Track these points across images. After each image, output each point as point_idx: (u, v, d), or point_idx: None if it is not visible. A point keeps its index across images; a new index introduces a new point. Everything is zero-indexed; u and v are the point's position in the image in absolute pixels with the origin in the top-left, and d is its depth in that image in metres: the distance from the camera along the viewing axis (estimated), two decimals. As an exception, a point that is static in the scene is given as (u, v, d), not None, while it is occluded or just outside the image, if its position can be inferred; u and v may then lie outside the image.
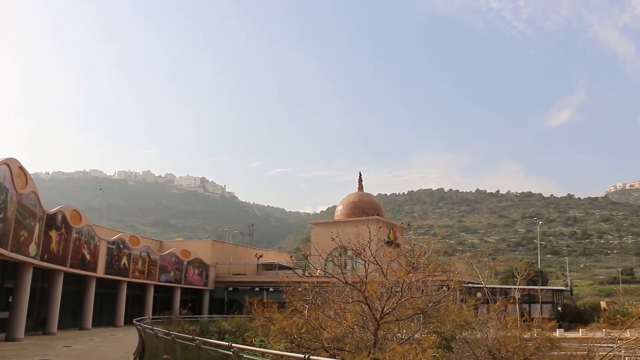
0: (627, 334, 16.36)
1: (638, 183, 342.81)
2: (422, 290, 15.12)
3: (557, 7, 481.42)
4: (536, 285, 49.20)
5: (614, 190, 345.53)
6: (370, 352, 11.88)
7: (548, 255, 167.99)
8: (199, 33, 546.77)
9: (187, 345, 12.93)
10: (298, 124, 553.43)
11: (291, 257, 34.62)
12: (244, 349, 9.83)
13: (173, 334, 14.45)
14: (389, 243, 52.29)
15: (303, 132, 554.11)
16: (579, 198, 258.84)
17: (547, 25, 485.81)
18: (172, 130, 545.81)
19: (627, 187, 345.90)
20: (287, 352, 11.20)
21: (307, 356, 7.30)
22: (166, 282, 50.97)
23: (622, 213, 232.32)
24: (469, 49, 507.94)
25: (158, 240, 69.23)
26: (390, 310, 13.16)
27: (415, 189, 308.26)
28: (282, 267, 56.84)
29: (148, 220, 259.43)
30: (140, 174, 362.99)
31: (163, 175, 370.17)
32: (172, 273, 51.74)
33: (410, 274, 13.38)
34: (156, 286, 49.81)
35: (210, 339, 16.80)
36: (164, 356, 13.34)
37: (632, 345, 15.92)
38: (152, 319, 35.33)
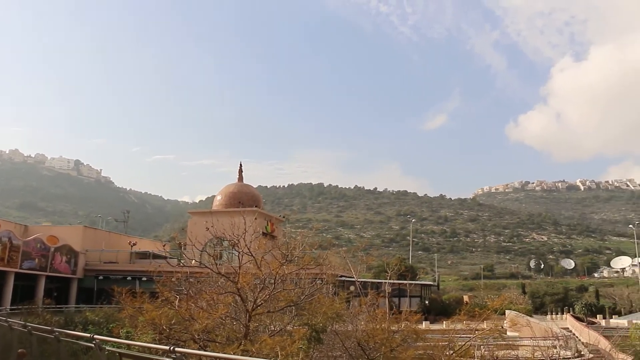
0: (484, 325, 17.52)
1: (502, 187, 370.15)
2: (296, 282, 15.27)
3: (441, 18, 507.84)
4: (406, 280, 51.32)
5: (481, 192, 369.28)
6: (240, 344, 11.82)
7: (419, 252, 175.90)
8: (73, 7, 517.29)
9: (45, 338, 12.19)
10: (181, 110, 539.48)
11: (164, 245, 33.79)
12: (107, 341, 9.41)
13: (30, 326, 13.56)
14: (266, 235, 52.44)
15: (187, 119, 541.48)
16: (450, 198, 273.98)
17: (430, 33, 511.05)
18: (45, 109, 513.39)
19: (493, 190, 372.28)
20: (155, 343, 10.87)
21: (172, 347, 7.13)
22: (29, 269, 47.81)
23: (487, 214, 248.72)
24: (357, 50, 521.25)
25: (23, 224, 64.84)
26: (262, 302, 13.17)
27: (295, 183, 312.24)
28: (156, 256, 55.18)
29: (13, 203, 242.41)
30: (7, 152, 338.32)
31: (33, 156, 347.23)
32: (36, 260, 48.64)
33: (284, 267, 13.46)
34: (17, 274, 46.56)
35: (74, 330, 15.97)
36: (19, 350, 12.48)
37: (487, 335, 17.11)
38: (10, 309, 33.09)
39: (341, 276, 36.53)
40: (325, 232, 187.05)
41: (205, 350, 11.38)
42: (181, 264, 25.14)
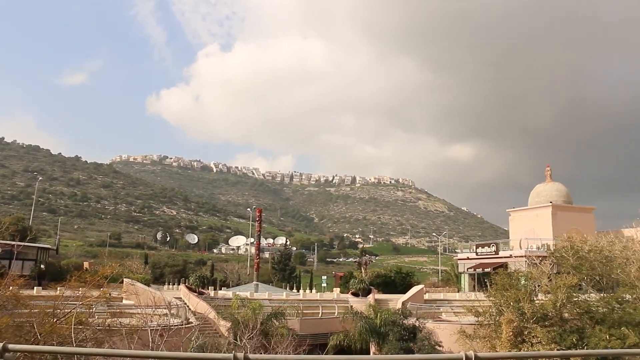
0: (97, 292, 17.15)
1: (141, 157, 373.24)
2: None
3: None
4: (22, 242, 47.41)
5: (119, 160, 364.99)
6: None
7: (44, 213, 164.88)
8: None
9: None
10: None
11: None
12: None
13: None
14: None
15: None
16: (86, 161, 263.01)
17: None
18: None
19: (131, 159, 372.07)
20: None
21: None
22: None
23: (121, 182, 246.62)
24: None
25: None
26: None
27: None
28: None
29: None
30: None
31: None
32: None
33: None
34: None
35: None
36: None
37: (95, 302, 16.81)
38: None
39: None
40: None
41: None
42: None
